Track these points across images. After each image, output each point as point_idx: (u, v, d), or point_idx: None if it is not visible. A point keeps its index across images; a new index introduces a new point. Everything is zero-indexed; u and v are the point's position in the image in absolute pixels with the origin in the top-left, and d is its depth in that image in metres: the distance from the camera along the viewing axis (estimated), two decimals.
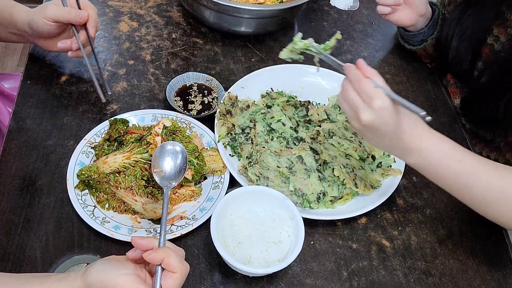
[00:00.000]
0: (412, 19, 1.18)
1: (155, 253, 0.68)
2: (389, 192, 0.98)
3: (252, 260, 0.84)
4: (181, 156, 0.89)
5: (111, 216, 0.89)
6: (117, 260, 0.70)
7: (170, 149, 0.89)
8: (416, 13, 1.18)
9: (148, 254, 0.68)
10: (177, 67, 1.18)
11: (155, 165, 0.87)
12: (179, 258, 0.69)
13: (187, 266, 0.70)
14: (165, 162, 0.88)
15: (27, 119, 1.02)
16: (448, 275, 0.92)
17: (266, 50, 1.27)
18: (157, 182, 0.86)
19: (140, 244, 0.70)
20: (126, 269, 0.67)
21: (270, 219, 0.88)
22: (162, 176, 0.87)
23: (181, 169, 0.88)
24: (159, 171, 0.87)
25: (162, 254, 0.67)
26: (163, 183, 0.85)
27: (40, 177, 0.94)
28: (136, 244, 0.70)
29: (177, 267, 0.68)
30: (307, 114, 1.09)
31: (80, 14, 0.97)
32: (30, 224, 0.87)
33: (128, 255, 0.71)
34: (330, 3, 1.45)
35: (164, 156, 0.88)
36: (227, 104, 1.06)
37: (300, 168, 0.98)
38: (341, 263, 0.91)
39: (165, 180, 0.86)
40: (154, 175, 0.86)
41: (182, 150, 0.89)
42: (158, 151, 0.88)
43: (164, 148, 0.89)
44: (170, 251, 0.68)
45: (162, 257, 0.67)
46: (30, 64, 1.12)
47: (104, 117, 1.05)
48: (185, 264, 0.70)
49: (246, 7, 1.15)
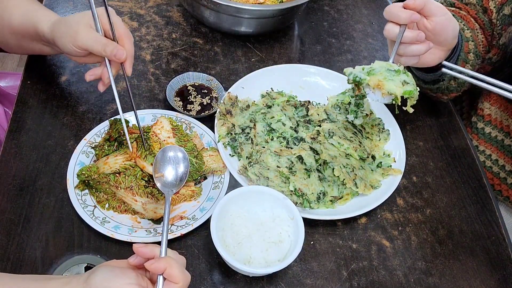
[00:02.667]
0: (441, 57, 0.96)
1: (157, 263, 0.68)
2: (389, 192, 0.98)
3: (252, 260, 0.84)
4: (182, 164, 0.88)
5: (111, 216, 0.89)
6: (120, 268, 0.70)
7: (172, 155, 0.89)
8: (446, 49, 0.97)
9: (151, 264, 0.68)
10: (177, 67, 1.18)
11: (156, 170, 0.87)
12: (181, 268, 0.69)
13: (189, 276, 0.70)
14: (167, 170, 0.88)
15: (27, 119, 1.02)
16: (448, 275, 0.92)
17: (266, 50, 1.27)
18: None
19: (142, 252, 0.70)
20: (129, 279, 0.67)
21: (270, 219, 0.88)
22: (164, 181, 0.87)
23: (183, 176, 0.88)
24: (161, 176, 0.87)
25: (164, 265, 0.67)
26: (165, 190, 0.86)
27: (40, 177, 0.94)
28: (138, 252, 0.70)
29: (179, 277, 0.68)
30: (307, 114, 1.09)
31: (118, 53, 0.84)
32: (30, 224, 0.87)
33: (130, 262, 0.71)
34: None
35: (165, 163, 0.88)
36: (227, 104, 1.06)
37: (300, 168, 0.98)
38: (341, 263, 0.91)
39: (167, 188, 0.86)
40: (155, 180, 0.87)
41: (184, 157, 0.89)
42: (159, 156, 0.88)
43: (166, 153, 0.89)
44: (172, 261, 0.68)
45: (164, 268, 0.67)
46: (30, 64, 1.12)
47: (104, 117, 1.05)
48: (186, 274, 0.70)
49: (246, 7, 1.15)
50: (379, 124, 1.11)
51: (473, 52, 1.04)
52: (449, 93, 1.10)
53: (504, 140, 1.14)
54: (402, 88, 0.87)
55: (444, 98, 1.13)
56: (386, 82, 0.87)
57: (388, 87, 0.87)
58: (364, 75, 0.90)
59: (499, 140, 1.14)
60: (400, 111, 0.94)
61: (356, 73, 0.91)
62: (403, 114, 1.17)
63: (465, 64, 1.03)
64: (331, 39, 1.34)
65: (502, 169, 1.15)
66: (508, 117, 1.12)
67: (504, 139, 1.14)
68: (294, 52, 1.30)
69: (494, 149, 1.15)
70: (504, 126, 1.13)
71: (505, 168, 1.14)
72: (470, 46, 1.04)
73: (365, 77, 0.89)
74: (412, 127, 1.16)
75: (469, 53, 1.04)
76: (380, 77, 0.88)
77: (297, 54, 1.30)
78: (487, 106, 1.15)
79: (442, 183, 1.06)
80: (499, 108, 1.13)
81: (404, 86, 0.87)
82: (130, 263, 0.71)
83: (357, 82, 0.91)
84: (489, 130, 1.16)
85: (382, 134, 1.09)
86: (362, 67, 0.92)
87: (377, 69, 0.89)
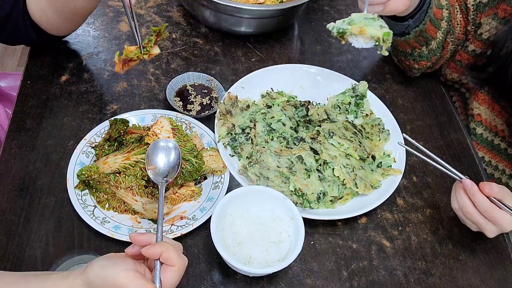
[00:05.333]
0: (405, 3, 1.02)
1: (153, 248, 0.69)
2: (389, 192, 0.98)
3: (252, 260, 0.84)
4: (174, 152, 0.90)
5: (111, 216, 0.89)
6: (117, 257, 0.71)
7: (163, 145, 0.90)
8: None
9: (147, 249, 0.69)
10: (177, 67, 1.18)
11: (148, 162, 0.88)
12: (177, 252, 0.70)
13: (185, 260, 0.71)
14: (159, 158, 0.89)
15: (27, 119, 1.02)
16: (448, 275, 0.92)
17: (266, 50, 1.27)
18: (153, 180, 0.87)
19: (138, 240, 0.71)
20: (126, 265, 0.68)
21: (270, 219, 0.88)
22: (156, 172, 0.87)
23: (175, 165, 0.89)
24: (153, 168, 0.87)
25: (160, 249, 0.68)
26: (158, 179, 0.86)
27: (40, 177, 0.94)
28: (134, 240, 0.71)
29: (175, 260, 0.69)
30: (307, 114, 1.09)
31: None
32: (30, 224, 0.87)
33: (127, 252, 0.72)
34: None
35: (157, 153, 0.89)
36: (227, 104, 1.06)
37: (300, 168, 0.98)
38: (341, 263, 0.91)
39: (159, 176, 0.87)
40: (148, 172, 0.87)
41: (175, 146, 0.90)
42: (151, 149, 0.89)
43: (157, 146, 0.90)
44: (168, 245, 0.69)
45: (160, 252, 0.68)
46: (30, 64, 1.12)
47: (104, 117, 1.05)
48: (183, 257, 0.71)
49: (246, 7, 1.15)
50: (379, 124, 1.11)
51: (446, 21, 1.12)
52: (420, 60, 1.16)
53: (494, 140, 1.13)
54: (381, 31, 0.97)
55: (416, 67, 1.19)
56: (367, 28, 0.97)
57: (370, 32, 0.97)
58: (346, 26, 0.98)
59: (489, 141, 1.14)
60: (402, 112, 0.94)
61: (338, 25, 0.99)
62: (404, 114, 1.18)
63: (437, 31, 1.10)
64: (331, 39, 1.34)
65: (495, 170, 1.15)
66: (495, 117, 1.12)
67: (494, 139, 1.13)
68: (294, 52, 1.30)
69: (486, 151, 1.15)
70: (492, 126, 1.13)
71: (498, 168, 1.14)
72: (444, 14, 1.11)
73: (347, 26, 0.98)
74: (412, 127, 1.16)
75: (442, 20, 1.11)
76: (360, 25, 0.97)
77: (297, 54, 1.30)
78: (476, 105, 1.16)
79: (442, 183, 1.06)
80: (487, 108, 1.14)
81: (381, 29, 0.98)
82: (127, 254, 0.72)
83: (341, 33, 0.99)
84: (481, 131, 1.15)
85: (382, 134, 1.09)
86: (342, 20, 1.00)
87: (355, 19, 0.98)
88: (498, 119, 1.11)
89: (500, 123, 1.11)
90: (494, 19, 1.08)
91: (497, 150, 1.13)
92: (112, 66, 1.15)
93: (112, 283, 0.66)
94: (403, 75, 1.27)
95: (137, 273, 0.67)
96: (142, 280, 0.66)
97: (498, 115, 1.11)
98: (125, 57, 0.91)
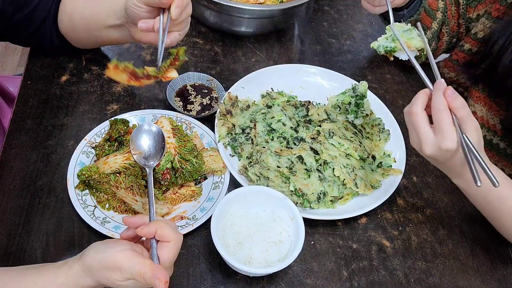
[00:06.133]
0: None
1: (147, 227, 0.69)
2: (389, 192, 0.98)
3: (252, 260, 0.84)
4: (157, 135, 0.90)
5: (111, 216, 0.89)
6: (113, 240, 0.71)
7: (146, 129, 0.90)
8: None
9: (141, 229, 0.69)
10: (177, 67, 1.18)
11: (133, 147, 0.89)
12: (171, 228, 0.70)
13: (181, 235, 0.72)
14: (143, 141, 0.89)
15: (27, 119, 1.02)
16: (448, 275, 0.93)
17: (266, 50, 1.27)
18: (139, 163, 0.88)
19: (131, 222, 0.72)
20: (123, 245, 0.68)
21: (270, 219, 0.88)
22: (142, 156, 0.88)
23: (160, 148, 0.89)
24: (139, 153, 0.88)
25: (154, 227, 0.69)
26: (144, 162, 0.87)
27: (41, 177, 0.94)
28: (127, 223, 0.72)
29: (170, 236, 0.69)
30: (307, 114, 1.09)
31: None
32: (30, 224, 0.87)
33: (122, 235, 0.73)
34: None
35: (140, 137, 0.89)
36: (227, 104, 1.06)
37: (300, 168, 0.98)
38: (341, 263, 0.91)
39: (146, 160, 0.88)
40: (134, 156, 0.88)
41: (158, 130, 0.90)
42: (134, 134, 0.90)
43: (140, 130, 0.90)
44: (161, 222, 0.70)
45: (155, 230, 0.69)
46: (30, 64, 1.12)
47: (104, 117, 1.05)
48: (178, 233, 0.71)
49: (246, 7, 1.15)
50: (379, 124, 1.11)
51: (441, 12, 1.16)
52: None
53: (493, 140, 1.13)
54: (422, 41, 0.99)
55: None
56: (411, 42, 0.99)
57: (415, 44, 0.99)
58: (391, 43, 1.01)
59: (487, 140, 1.14)
60: (402, 112, 0.94)
61: (384, 44, 1.02)
62: (403, 113, 1.18)
63: (432, 21, 1.15)
64: (331, 39, 1.34)
65: None
66: (493, 116, 1.11)
67: (493, 138, 1.13)
68: (294, 52, 1.30)
69: (485, 150, 1.14)
70: (490, 125, 1.13)
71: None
72: (440, 5, 1.16)
73: (393, 44, 1.01)
74: None
75: (437, 10, 1.15)
76: (404, 39, 0.99)
77: (297, 54, 1.30)
78: (472, 103, 1.16)
79: (442, 183, 1.06)
80: (483, 106, 1.13)
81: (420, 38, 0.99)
82: (122, 237, 0.73)
83: (389, 51, 1.02)
84: None
85: (382, 134, 1.09)
86: (385, 38, 1.02)
87: (397, 34, 0.98)
88: (496, 118, 1.11)
89: (498, 122, 1.11)
90: (488, 19, 1.10)
91: (496, 149, 1.13)
92: None
93: (111, 265, 0.66)
94: (403, 75, 1.27)
95: (135, 252, 0.68)
96: (140, 258, 0.67)
97: (496, 114, 1.11)
98: (142, 74, 0.89)
